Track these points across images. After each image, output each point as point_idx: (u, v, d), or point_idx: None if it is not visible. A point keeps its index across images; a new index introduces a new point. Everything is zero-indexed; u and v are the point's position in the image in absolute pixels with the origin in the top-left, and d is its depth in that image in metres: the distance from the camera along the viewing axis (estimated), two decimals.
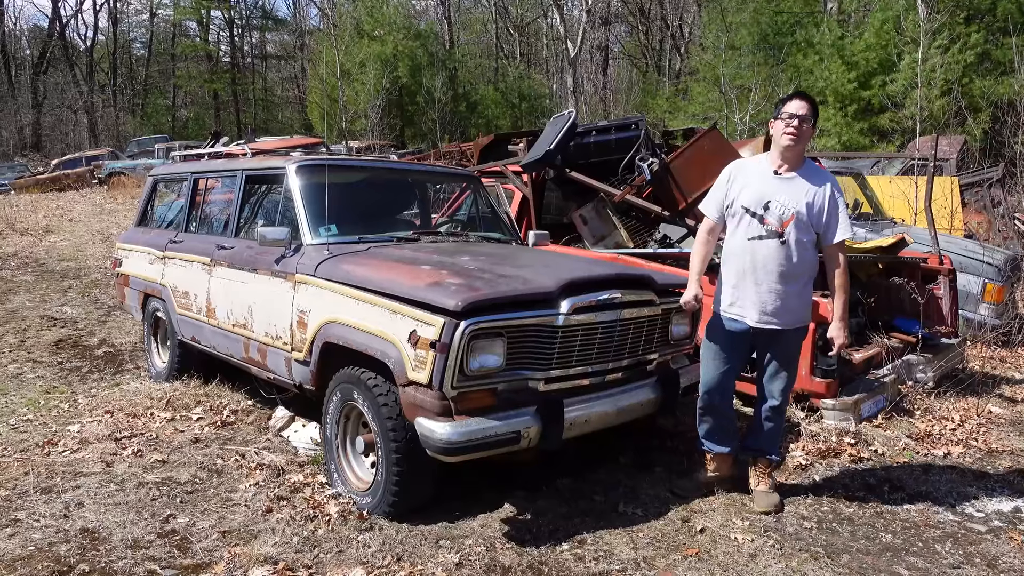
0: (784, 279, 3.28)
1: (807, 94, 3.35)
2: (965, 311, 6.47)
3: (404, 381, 3.08)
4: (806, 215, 3.25)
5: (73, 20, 44.95)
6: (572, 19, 34.83)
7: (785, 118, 3.26)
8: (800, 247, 3.27)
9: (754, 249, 3.30)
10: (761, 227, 3.29)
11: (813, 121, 3.29)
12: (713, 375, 3.47)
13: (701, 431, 3.61)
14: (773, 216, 3.27)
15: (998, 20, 16.15)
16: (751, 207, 3.32)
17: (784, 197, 3.27)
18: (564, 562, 3.00)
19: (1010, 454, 4.27)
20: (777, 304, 3.30)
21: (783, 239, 3.26)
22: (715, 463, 3.61)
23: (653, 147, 6.12)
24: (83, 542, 3.11)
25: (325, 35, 30.74)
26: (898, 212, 8.34)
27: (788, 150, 3.28)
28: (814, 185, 3.28)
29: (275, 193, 4.69)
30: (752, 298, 3.32)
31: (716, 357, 3.46)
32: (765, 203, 3.29)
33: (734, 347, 3.43)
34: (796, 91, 3.49)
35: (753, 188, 3.33)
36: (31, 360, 6.25)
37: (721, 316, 3.44)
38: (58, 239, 12.88)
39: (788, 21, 19.37)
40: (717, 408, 3.52)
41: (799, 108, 3.24)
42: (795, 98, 3.30)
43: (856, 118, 16.78)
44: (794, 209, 3.25)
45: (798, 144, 3.27)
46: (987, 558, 3.10)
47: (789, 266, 3.27)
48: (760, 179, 3.34)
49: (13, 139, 36.78)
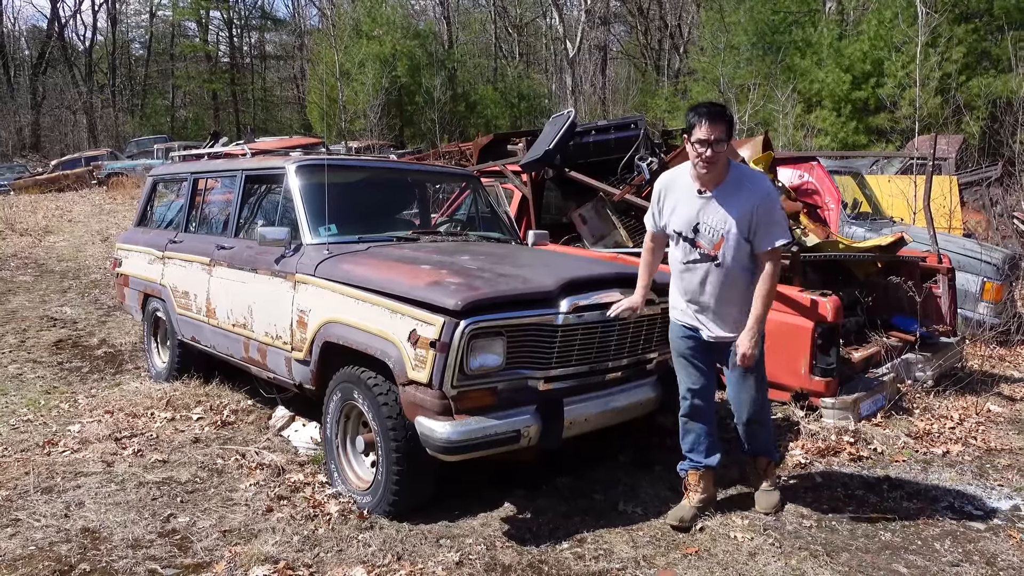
0: (724, 300, 3.18)
1: (720, 110, 3.10)
2: (964, 310, 6.47)
3: (404, 380, 3.09)
4: (736, 232, 3.10)
5: (72, 20, 45.04)
6: (571, 19, 34.81)
7: (696, 145, 3.06)
8: (738, 266, 3.15)
9: (692, 272, 3.21)
10: (694, 251, 3.19)
11: (729, 136, 3.06)
12: (688, 380, 3.35)
13: (685, 445, 3.43)
14: (704, 239, 3.16)
15: (996, 18, 16.17)
16: (682, 231, 3.20)
17: (711, 218, 3.13)
18: (564, 561, 3.00)
19: (1009, 452, 4.27)
20: (725, 320, 3.21)
21: (718, 262, 3.15)
22: (702, 483, 3.39)
23: (652, 146, 6.13)
24: (84, 542, 3.11)
25: (324, 35, 30.73)
26: (897, 211, 8.35)
27: (708, 175, 3.11)
28: (741, 197, 3.11)
29: (275, 193, 4.69)
30: (700, 316, 3.25)
31: (684, 363, 3.35)
32: (694, 226, 3.17)
33: (697, 352, 3.32)
34: (704, 106, 3.11)
35: (681, 211, 3.21)
36: (31, 360, 6.25)
37: (677, 324, 3.35)
38: (58, 239, 12.88)
39: (785, 20, 19.35)
40: (700, 412, 3.37)
41: (708, 133, 3.01)
42: (704, 120, 3.02)
43: (851, 117, 16.81)
44: (723, 230, 3.11)
45: (712, 170, 3.09)
46: (986, 556, 3.10)
47: (728, 287, 3.17)
48: (687, 200, 3.19)
49: (12, 140, 36.75)
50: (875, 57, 16.50)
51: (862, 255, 5.36)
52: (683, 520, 3.28)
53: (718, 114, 3.07)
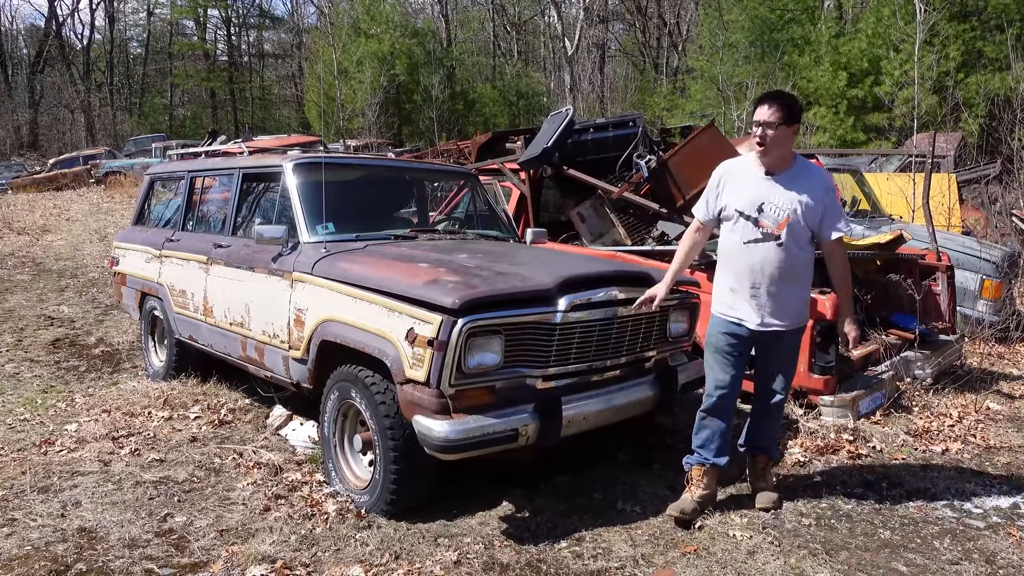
0: (783, 281, 3.24)
1: (777, 95, 3.26)
2: (963, 307, 6.47)
3: (402, 379, 3.07)
4: (801, 215, 3.20)
5: (69, 19, 44.86)
6: (569, 17, 34.82)
7: (754, 127, 3.24)
8: (797, 248, 3.24)
9: (751, 252, 3.26)
10: (757, 230, 3.25)
11: (786, 121, 3.18)
12: (719, 376, 3.37)
13: (698, 440, 3.42)
14: (768, 218, 3.23)
15: (992, 16, 16.17)
16: (745, 210, 3.27)
17: (778, 198, 3.23)
18: (562, 560, 2.99)
19: (1008, 450, 4.27)
20: (777, 306, 3.26)
21: (780, 241, 3.21)
22: (706, 479, 3.39)
23: (651, 144, 6.12)
24: (80, 541, 3.10)
25: (322, 33, 30.73)
26: (896, 209, 8.34)
27: (765, 157, 3.25)
28: (807, 184, 3.23)
29: (272, 191, 4.67)
30: (751, 302, 3.28)
31: (720, 359, 3.37)
32: (759, 205, 3.24)
33: (736, 349, 3.35)
34: (767, 94, 3.32)
35: (746, 191, 3.29)
36: (28, 359, 6.24)
37: (720, 318, 3.38)
38: (55, 238, 12.86)
39: (783, 18, 19.35)
40: (722, 409, 3.39)
41: (762, 115, 3.18)
42: (761, 103, 3.22)
43: (848, 114, 16.81)
44: (788, 210, 3.20)
45: (770, 151, 3.20)
46: (985, 554, 3.09)
47: (787, 268, 3.23)
48: (752, 181, 3.29)
49: (10, 138, 36.68)
50: (873, 55, 16.51)
51: (861, 253, 5.36)
52: (684, 512, 3.29)
53: (772, 97, 3.24)
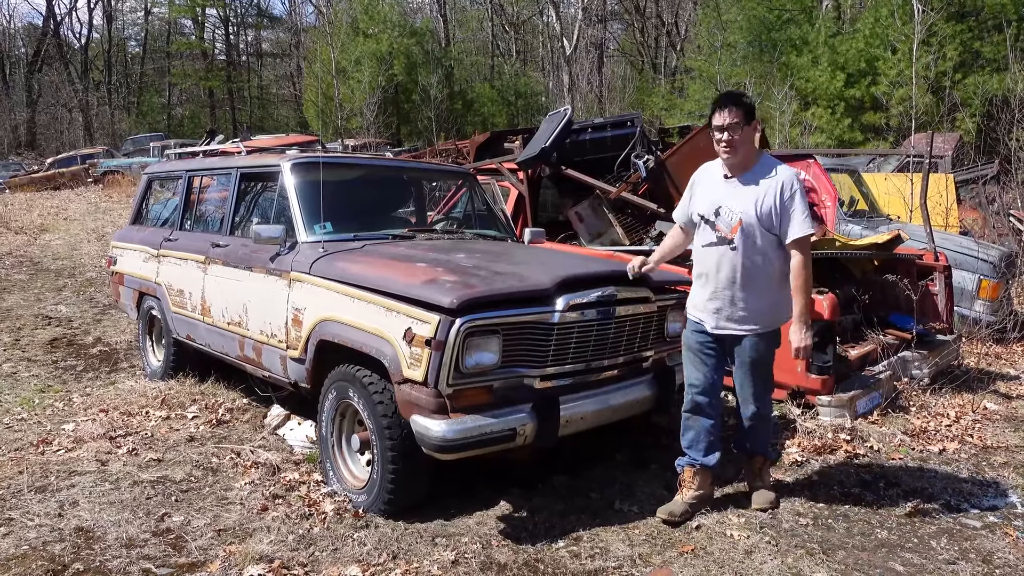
0: (737, 285, 3.21)
1: (732, 96, 3.25)
2: (960, 308, 6.48)
3: (399, 379, 3.07)
4: (755, 218, 3.16)
5: (67, 18, 44.60)
6: (568, 16, 34.80)
7: (714, 132, 3.20)
8: (753, 251, 3.19)
9: (708, 256, 3.28)
10: (713, 233, 3.26)
11: (747, 120, 3.15)
12: (693, 375, 3.40)
13: (685, 441, 3.42)
14: (723, 222, 3.23)
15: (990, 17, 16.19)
16: (705, 214, 3.29)
17: (733, 201, 3.21)
18: (560, 559, 2.99)
19: (1005, 450, 4.28)
20: (732, 310, 3.24)
21: (733, 245, 3.20)
22: (697, 479, 3.38)
23: (649, 144, 6.13)
24: (77, 541, 3.10)
25: (320, 33, 30.70)
26: (894, 209, 8.35)
27: (732, 158, 3.22)
28: (764, 186, 3.17)
29: (270, 191, 4.67)
30: (708, 304, 3.29)
31: (692, 358, 3.40)
32: (716, 209, 3.25)
33: (707, 348, 3.36)
34: (722, 97, 3.27)
35: (707, 194, 3.30)
36: (26, 359, 6.23)
37: (690, 319, 3.43)
38: (53, 238, 12.83)
39: (781, 18, 19.36)
40: (702, 408, 3.38)
41: (723, 119, 3.16)
42: (719, 108, 3.18)
43: (846, 115, 16.83)
44: (741, 213, 3.18)
45: (738, 151, 3.19)
46: (982, 554, 3.10)
47: (742, 271, 3.20)
48: (713, 185, 3.31)
49: (8, 138, 36.60)
50: (870, 55, 16.52)
51: (859, 253, 5.37)
52: (672, 515, 3.29)
53: (726, 100, 3.21)
